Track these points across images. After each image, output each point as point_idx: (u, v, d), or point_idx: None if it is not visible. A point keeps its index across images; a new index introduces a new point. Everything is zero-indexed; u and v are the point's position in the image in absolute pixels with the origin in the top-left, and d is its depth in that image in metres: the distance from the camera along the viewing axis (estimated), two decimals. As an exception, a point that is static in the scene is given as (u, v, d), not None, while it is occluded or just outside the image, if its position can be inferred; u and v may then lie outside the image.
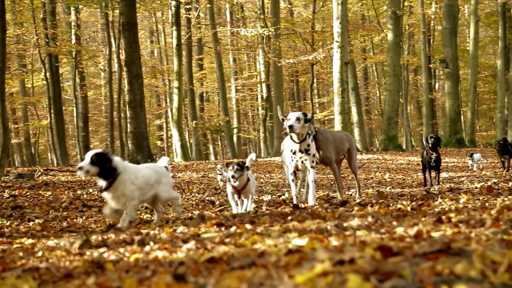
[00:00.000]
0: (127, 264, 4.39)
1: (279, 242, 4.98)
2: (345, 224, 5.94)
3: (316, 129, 10.61)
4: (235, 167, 8.70)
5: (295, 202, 9.70)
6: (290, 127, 9.36)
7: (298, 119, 9.38)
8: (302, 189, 11.10)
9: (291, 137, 9.66)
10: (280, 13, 37.80)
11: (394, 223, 5.80)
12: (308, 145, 9.65)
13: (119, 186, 7.41)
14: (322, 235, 5.15)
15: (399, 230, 5.09)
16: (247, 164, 9.20)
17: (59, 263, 4.57)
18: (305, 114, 9.51)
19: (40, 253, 5.18)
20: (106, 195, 7.56)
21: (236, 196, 8.97)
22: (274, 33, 33.04)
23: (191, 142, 41.65)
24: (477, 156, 19.59)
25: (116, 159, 7.46)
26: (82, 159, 30.87)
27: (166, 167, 8.42)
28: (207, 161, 31.74)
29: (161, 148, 58.06)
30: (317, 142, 10.41)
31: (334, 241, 4.77)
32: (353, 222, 6.02)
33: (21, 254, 5.21)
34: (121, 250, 5.13)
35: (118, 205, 7.53)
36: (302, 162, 9.67)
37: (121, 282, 3.56)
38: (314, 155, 9.71)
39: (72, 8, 35.49)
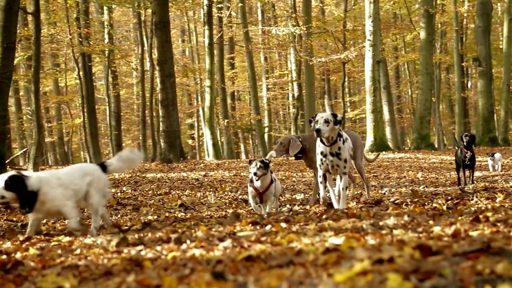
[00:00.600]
0: (165, 262, 4.42)
1: (315, 241, 4.98)
2: (380, 223, 5.93)
3: (300, 138, 10.32)
4: (258, 164, 8.08)
5: (323, 205, 8.98)
6: (317, 131, 8.47)
7: (326, 121, 8.49)
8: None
9: (321, 139, 8.79)
10: (311, 12, 37.70)
11: (431, 222, 5.78)
12: (339, 148, 8.73)
13: (43, 204, 6.82)
14: (358, 234, 5.14)
15: (436, 229, 5.07)
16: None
17: (97, 261, 4.62)
18: (334, 115, 8.59)
19: (78, 251, 5.23)
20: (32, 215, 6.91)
21: (257, 199, 8.40)
22: (305, 32, 32.95)
23: (222, 141, 41.72)
24: (498, 156, 19.25)
25: (31, 178, 6.72)
26: (114, 158, 30.96)
27: (105, 166, 7.44)
28: (238, 159, 31.78)
29: (192, 147, 58.23)
30: (304, 150, 10.28)
31: (371, 240, 4.76)
32: (389, 221, 6.01)
33: (59, 251, 5.26)
34: (158, 248, 5.16)
35: (49, 216, 7.30)
36: (332, 166, 8.77)
37: (161, 280, 3.58)
38: (346, 160, 8.79)
39: (105, 7, 35.72)
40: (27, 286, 3.69)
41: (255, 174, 8.04)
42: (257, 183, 8.16)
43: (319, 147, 8.87)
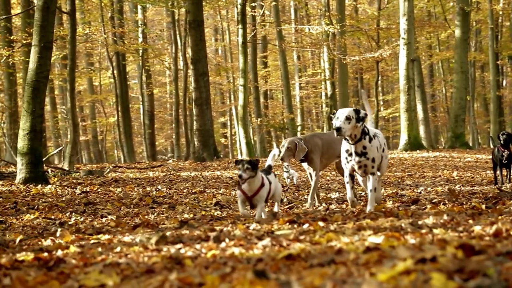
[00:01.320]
0: (205, 260, 4.44)
1: (355, 240, 4.98)
2: (419, 222, 5.90)
3: (302, 140, 9.77)
4: (245, 165, 7.25)
5: (350, 207, 8.43)
6: (338, 130, 7.79)
7: (348, 118, 7.80)
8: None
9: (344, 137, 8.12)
10: (345, 10, 37.58)
11: (470, 221, 5.74)
12: (365, 147, 8.07)
13: None
14: (397, 233, 5.13)
15: (477, 229, 5.04)
16: (270, 162, 8.05)
17: (138, 259, 4.65)
18: (357, 111, 7.90)
19: (118, 249, 5.26)
20: None
21: (247, 203, 7.67)
22: (339, 30, 32.86)
23: (255, 139, 41.74)
24: None
25: None
26: (148, 156, 31.12)
27: None
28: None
29: (225, 145, 58.33)
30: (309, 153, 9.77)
31: (411, 239, 4.74)
32: (428, 220, 5.98)
33: (99, 249, 5.30)
34: (197, 246, 5.18)
35: None
36: (360, 167, 8.14)
37: (202, 278, 3.60)
38: (374, 159, 8.13)
39: (139, 6, 35.92)
40: (70, 283, 3.72)
41: (240, 176, 7.21)
42: (245, 186, 7.37)
43: (344, 144, 8.25)
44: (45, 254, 5.06)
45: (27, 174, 13.40)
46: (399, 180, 15.34)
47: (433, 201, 8.89)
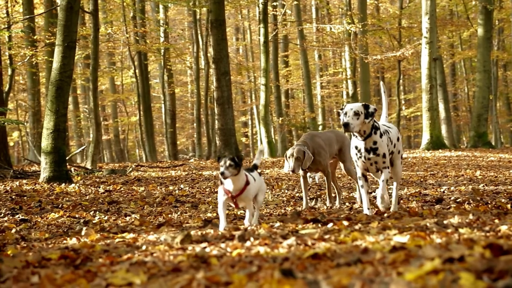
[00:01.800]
0: (231, 259, 4.45)
1: (380, 239, 4.97)
2: (445, 222, 5.88)
3: (307, 146, 9.32)
4: (228, 162, 6.66)
5: (365, 211, 7.85)
6: (346, 125, 7.47)
7: (356, 113, 7.47)
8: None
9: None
10: (367, 9, 37.48)
11: (496, 221, 5.72)
12: (375, 143, 7.71)
13: None
14: (423, 232, 5.11)
15: (503, 228, 5.02)
16: (256, 161, 7.46)
17: (163, 257, 4.67)
18: (366, 106, 7.56)
19: (143, 248, 5.29)
20: None
21: (230, 204, 7.01)
22: (361, 29, 32.79)
23: (276, 138, 41.74)
24: None
25: None
26: (169, 155, 31.18)
27: None
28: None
29: (246, 144, 58.37)
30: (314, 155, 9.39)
31: (437, 239, 4.73)
32: (453, 220, 5.96)
33: (125, 248, 5.33)
34: (222, 245, 5.19)
35: None
36: (371, 164, 7.81)
37: (229, 277, 3.60)
38: (385, 155, 7.78)
39: (161, 6, 36.02)
40: (98, 282, 3.74)
41: (222, 174, 6.62)
42: (228, 185, 6.79)
43: (353, 140, 7.89)
44: (72, 252, 5.10)
45: (51, 173, 13.48)
46: (422, 180, 15.27)
47: (457, 200, 8.85)
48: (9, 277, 4.07)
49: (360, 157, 7.85)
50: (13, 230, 7.47)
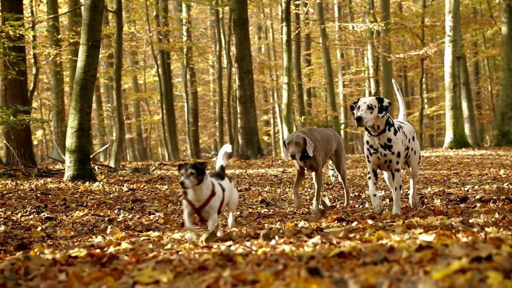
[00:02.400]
0: (256, 257, 4.46)
1: (405, 238, 4.96)
2: (470, 221, 5.86)
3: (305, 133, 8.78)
4: (189, 170, 5.77)
5: (373, 205, 7.73)
6: (358, 119, 7.20)
7: (370, 107, 7.19)
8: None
9: (366, 128, 7.48)
10: (389, 7, 37.35)
11: (523, 220, 5.69)
12: (390, 140, 7.43)
13: None
14: (449, 231, 5.10)
15: (530, 227, 4.99)
16: (222, 162, 6.56)
17: (189, 256, 4.68)
18: (380, 100, 7.31)
19: (169, 246, 5.31)
20: None
21: (195, 216, 6.16)
22: (384, 28, 32.69)
23: (298, 137, 41.66)
24: None
25: None
26: (192, 154, 31.21)
27: None
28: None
29: (268, 143, 58.36)
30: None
31: (463, 238, 4.71)
32: (479, 219, 5.93)
33: (150, 246, 5.36)
34: (247, 243, 5.20)
35: None
36: (385, 162, 7.53)
37: (255, 276, 3.61)
38: (400, 154, 7.50)
39: (183, 5, 36.11)
40: (124, 280, 3.77)
41: (182, 184, 5.77)
42: (191, 195, 5.93)
43: (365, 136, 7.61)
44: (98, 250, 5.13)
45: (75, 171, 13.55)
46: (445, 178, 15.20)
47: (482, 199, 8.80)
48: (36, 275, 4.11)
49: (374, 153, 7.54)
50: (39, 228, 7.53)
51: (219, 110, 37.71)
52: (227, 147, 6.63)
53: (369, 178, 7.73)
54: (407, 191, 10.96)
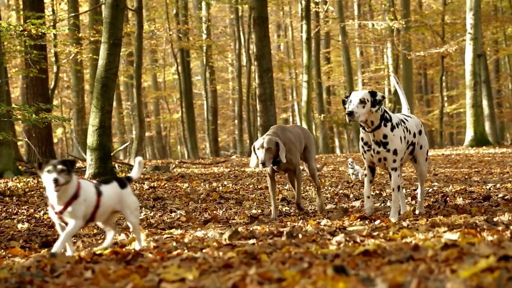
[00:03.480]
0: (281, 255, 4.45)
1: (429, 236, 4.95)
2: (494, 219, 5.83)
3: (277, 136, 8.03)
4: (59, 166, 5.07)
5: (365, 208, 7.29)
6: (350, 114, 6.72)
7: (362, 101, 6.74)
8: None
9: (360, 124, 7.02)
10: (409, 5, 37.23)
11: (548, 218, 5.65)
12: (385, 136, 6.94)
13: None
14: (473, 230, 5.07)
15: (557, 226, 4.96)
16: (133, 174, 5.81)
17: (213, 254, 4.68)
18: (373, 94, 6.84)
19: (192, 244, 5.32)
20: None
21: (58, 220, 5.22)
22: (404, 25, 32.59)
23: (318, 135, 41.68)
24: None
25: None
26: (211, 152, 31.26)
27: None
28: (334, 154, 31.66)
29: (287, 141, 58.25)
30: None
31: (488, 236, 4.69)
32: (503, 217, 5.90)
33: (174, 244, 5.37)
34: (270, 241, 5.20)
35: None
36: (379, 160, 7.05)
37: (281, 273, 3.61)
38: (396, 152, 6.99)
39: (203, 3, 36.16)
40: (150, 277, 3.77)
41: (56, 181, 4.98)
42: (52, 197, 5.13)
43: (361, 132, 7.17)
44: (123, 248, 5.15)
45: (96, 169, 13.61)
46: (466, 177, 15.13)
47: (505, 198, 8.75)
48: (62, 272, 4.13)
49: (367, 150, 7.10)
50: (62, 226, 7.56)
51: (238, 108, 37.76)
52: (140, 159, 5.86)
53: (365, 175, 7.33)
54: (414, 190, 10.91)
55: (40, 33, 13.30)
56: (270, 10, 45.52)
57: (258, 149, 7.86)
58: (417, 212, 7.39)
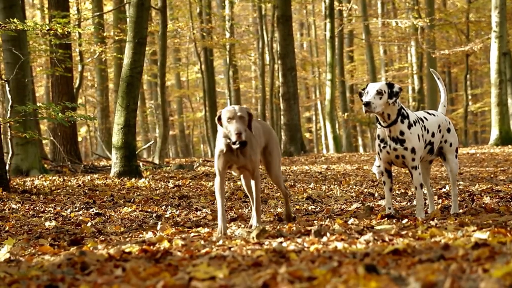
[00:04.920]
0: (310, 254, 4.46)
1: (458, 235, 4.92)
2: (524, 218, 5.80)
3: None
4: None
5: (387, 210, 7.05)
6: (366, 104, 6.54)
7: (379, 92, 6.58)
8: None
9: (377, 118, 6.89)
10: (434, 3, 37.06)
11: None
12: (402, 133, 6.75)
13: None
14: (503, 229, 5.04)
15: None
16: None
17: (241, 252, 4.69)
18: (390, 85, 6.71)
19: (220, 242, 5.32)
20: None
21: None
22: (428, 24, 32.44)
23: (341, 134, 41.61)
24: None
25: None
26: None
27: None
28: (358, 153, 31.58)
29: (309, 140, 58.28)
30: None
31: (519, 236, 4.66)
32: (533, 216, 5.87)
33: (202, 242, 5.38)
34: (299, 240, 5.20)
35: None
36: (396, 157, 6.83)
37: (311, 272, 3.61)
38: (415, 150, 6.77)
39: (226, 2, 36.20)
40: (181, 275, 3.79)
41: None
42: None
43: (377, 129, 6.98)
44: (151, 246, 5.16)
45: (121, 167, 13.66)
46: (492, 176, 15.03)
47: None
48: (93, 270, 4.15)
49: (384, 147, 6.87)
50: (89, 224, 7.61)
51: (261, 107, 37.76)
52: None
53: (384, 182, 7.08)
54: (442, 188, 10.85)
55: (65, 32, 13.35)
56: (293, 9, 45.51)
57: (228, 120, 6.06)
58: (452, 212, 7.21)
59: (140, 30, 13.68)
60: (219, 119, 6.18)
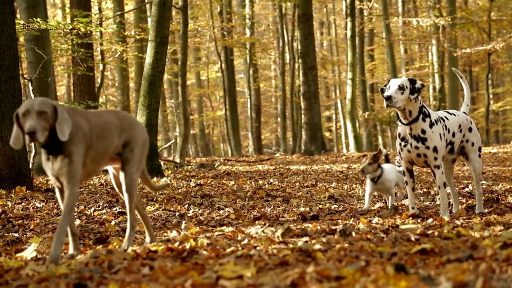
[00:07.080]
0: (336, 253, 4.45)
1: (485, 235, 4.90)
2: (551, 218, 5.76)
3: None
4: None
5: (410, 210, 7.03)
6: (388, 98, 6.50)
7: (401, 87, 6.56)
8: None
9: (397, 115, 6.84)
10: (455, 2, 36.88)
11: None
12: (424, 131, 6.68)
13: None
14: (530, 229, 5.02)
15: None
16: None
17: (267, 251, 4.68)
18: (412, 81, 6.70)
19: (245, 241, 5.32)
20: None
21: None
22: (450, 22, 32.30)
23: (361, 133, 41.51)
24: None
25: None
26: (254, 150, 31.34)
27: None
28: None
29: (329, 139, 58.18)
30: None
31: (547, 235, 4.63)
32: (560, 217, 5.83)
33: (227, 241, 5.37)
34: (324, 239, 5.19)
35: None
36: (418, 155, 6.77)
37: (339, 271, 3.60)
38: (437, 149, 6.70)
39: (247, 1, 36.22)
40: (208, 274, 3.78)
41: None
42: None
43: (398, 127, 6.93)
44: (176, 245, 5.17)
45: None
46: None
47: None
48: (120, 268, 4.16)
49: (405, 146, 6.80)
50: (113, 222, 7.63)
51: (281, 106, 37.79)
52: None
53: (406, 182, 6.99)
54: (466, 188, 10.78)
55: (88, 32, 13.43)
56: (313, 8, 45.45)
57: (24, 114, 4.73)
58: (477, 212, 7.14)
59: (162, 29, 13.73)
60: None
